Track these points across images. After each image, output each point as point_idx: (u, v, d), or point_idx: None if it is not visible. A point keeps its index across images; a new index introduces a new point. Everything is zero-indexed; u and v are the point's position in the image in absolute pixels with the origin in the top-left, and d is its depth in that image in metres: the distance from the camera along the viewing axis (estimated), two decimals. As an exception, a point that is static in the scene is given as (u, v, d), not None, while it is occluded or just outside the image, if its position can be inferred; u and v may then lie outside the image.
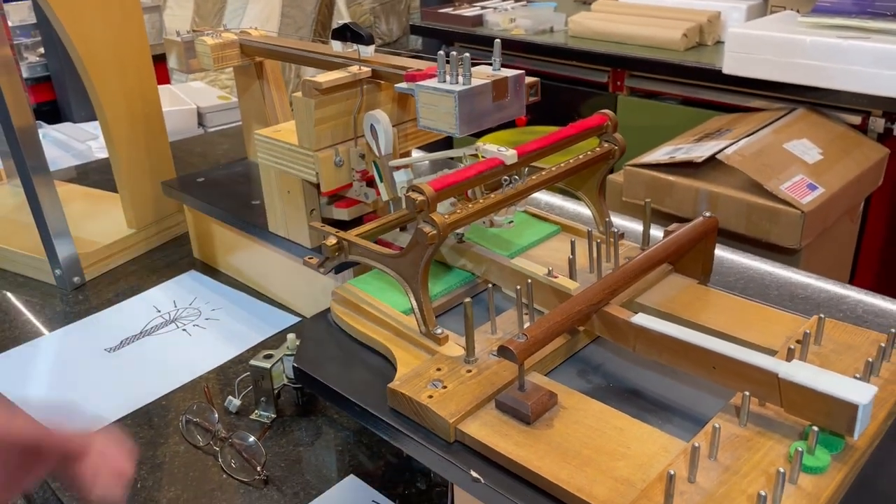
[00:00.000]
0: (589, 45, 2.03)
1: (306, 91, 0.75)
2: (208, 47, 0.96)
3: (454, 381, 0.56)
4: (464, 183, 0.62)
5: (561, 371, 0.61)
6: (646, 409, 0.56)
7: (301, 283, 0.92)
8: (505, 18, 2.24)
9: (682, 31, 1.89)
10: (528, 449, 0.50)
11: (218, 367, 0.86)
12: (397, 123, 0.81)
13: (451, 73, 0.64)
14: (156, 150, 1.12)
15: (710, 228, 0.68)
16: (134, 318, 0.96)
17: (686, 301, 0.65)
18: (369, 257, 0.67)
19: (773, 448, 0.48)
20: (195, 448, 0.74)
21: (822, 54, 1.52)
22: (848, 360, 0.56)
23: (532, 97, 0.71)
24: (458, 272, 0.72)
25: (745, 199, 1.35)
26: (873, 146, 1.58)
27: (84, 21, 0.99)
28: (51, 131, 1.94)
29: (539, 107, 0.74)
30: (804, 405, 0.47)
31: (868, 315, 0.87)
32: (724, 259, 1.01)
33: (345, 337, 0.68)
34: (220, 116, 2.01)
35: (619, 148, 0.73)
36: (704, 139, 1.54)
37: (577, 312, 0.57)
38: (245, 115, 1.08)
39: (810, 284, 0.94)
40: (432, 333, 0.61)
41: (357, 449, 0.73)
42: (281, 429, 0.76)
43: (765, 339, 0.59)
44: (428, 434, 0.54)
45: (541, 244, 0.76)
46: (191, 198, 1.03)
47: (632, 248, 0.74)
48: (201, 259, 1.10)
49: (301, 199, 0.83)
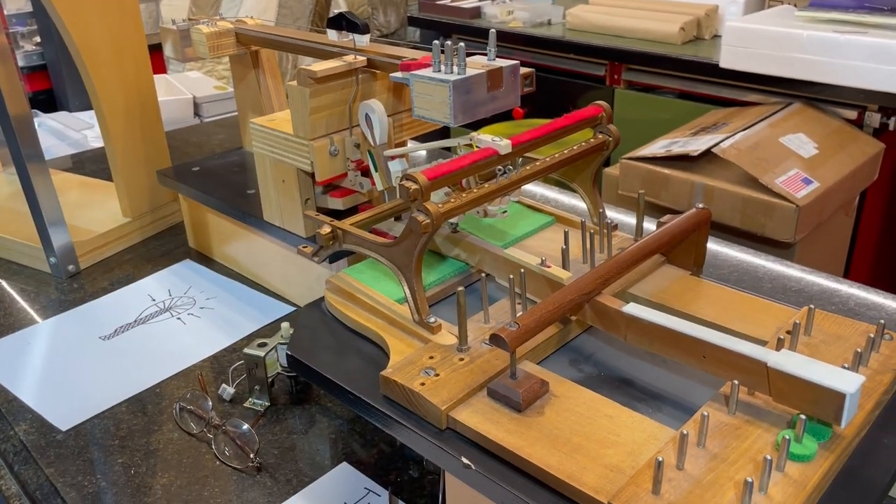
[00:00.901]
0: (586, 38, 2.03)
1: (301, 80, 0.75)
2: (204, 36, 0.96)
3: (446, 369, 0.56)
4: (458, 172, 0.62)
5: (553, 360, 0.61)
6: (636, 397, 0.57)
7: (295, 273, 0.92)
8: (503, 11, 2.23)
9: (679, 24, 1.89)
10: (519, 436, 0.50)
11: (212, 356, 0.86)
12: (392, 113, 0.81)
13: (446, 62, 0.64)
14: (151, 139, 1.12)
15: (702, 220, 0.68)
16: (128, 306, 0.97)
17: (678, 291, 0.66)
18: (363, 246, 0.67)
19: (760, 436, 0.48)
20: (189, 435, 0.74)
21: (818, 49, 1.53)
22: (837, 350, 0.56)
23: (527, 87, 0.71)
24: (452, 262, 0.73)
25: (741, 193, 1.36)
26: (869, 141, 1.59)
27: (81, 10, 0.99)
28: (46, 120, 1.94)
29: (536, 99, 0.74)
30: (792, 394, 0.48)
31: (860, 308, 0.87)
32: (718, 252, 1.01)
33: (339, 326, 0.68)
34: (216, 106, 2.00)
35: (614, 139, 0.73)
36: (701, 133, 1.54)
37: (569, 302, 0.57)
38: (241, 105, 1.08)
39: (803, 278, 0.94)
40: (425, 322, 0.61)
41: (350, 437, 0.74)
42: (274, 417, 0.76)
43: (755, 330, 0.59)
44: (420, 421, 0.54)
45: (534, 235, 0.77)
46: (186, 187, 1.03)
47: (625, 239, 0.74)
48: (196, 248, 1.10)
49: (296, 188, 0.84)
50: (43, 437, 0.75)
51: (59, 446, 0.73)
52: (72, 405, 0.79)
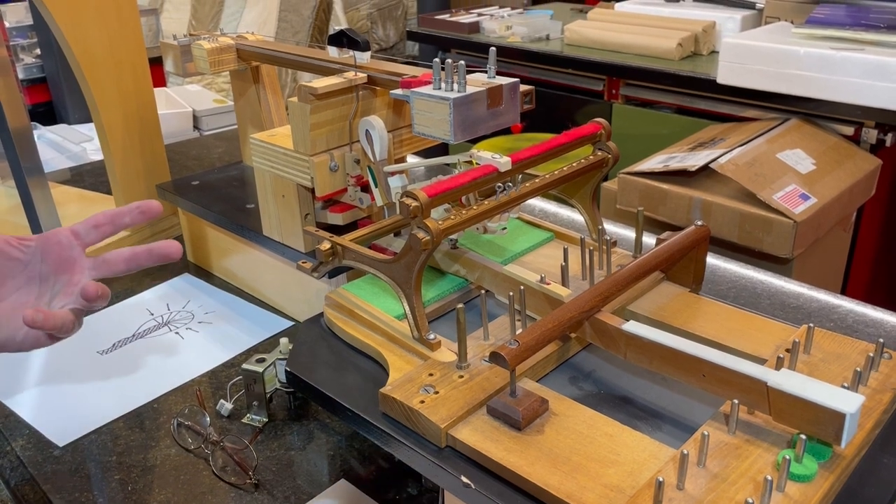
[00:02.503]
0: (585, 54, 2.04)
1: (302, 96, 0.76)
2: (205, 51, 0.96)
3: (446, 387, 0.56)
4: (457, 189, 0.62)
5: (552, 377, 0.61)
6: (636, 416, 0.57)
7: (295, 288, 0.92)
8: (501, 26, 2.25)
9: (676, 40, 1.90)
10: (519, 455, 0.50)
11: (210, 371, 0.86)
12: (393, 129, 0.82)
13: (447, 80, 0.65)
14: (151, 152, 1.13)
15: (701, 237, 0.69)
16: (127, 320, 0.96)
17: (677, 309, 0.66)
18: (363, 262, 0.67)
19: (761, 456, 0.48)
20: (186, 451, 0.74)
21: (815, 65, 1.54)
22: (836, 369, 0.56)
23: (527, 105, 0.71)
24: (452, 278, 0.73)
25: (738, 208, 1.36)
26: (866, 157, 1.60)
27: (81, 24, 0.99)
28: (46, 133, 1.94)
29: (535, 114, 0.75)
30: (792, 413, 0.48)
31: (858, 325, 0.87)
32: (716, 267, 1.02)
33: (338, 342, 0.68)
34: (215, 120, 2.01)
35: (613, 156, 0.73)
36: (698, 148, 1.55)
37: (568, 319, 0.57)
38: (241, 119, 1.08)
39: (802, 294, 0.95)
40: (425, 339, 0.61)
41: (349, 454, 0.73)
42: (273, 433, 0.76)
43: (755, 348, 0.59)
44: (419, 439, 0.54)
45: (534, 251, 0.77)
46: (185, 201, 1.03)
47: (624, 255, 0.74)
48: (195, 262, 1.10)
49: (296, 203, 0.84)
50: (40, 452, 0.74)
51: (56, 462, 0.73)
52: (69, 421, 0.78)
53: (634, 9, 2.19)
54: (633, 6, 2.21)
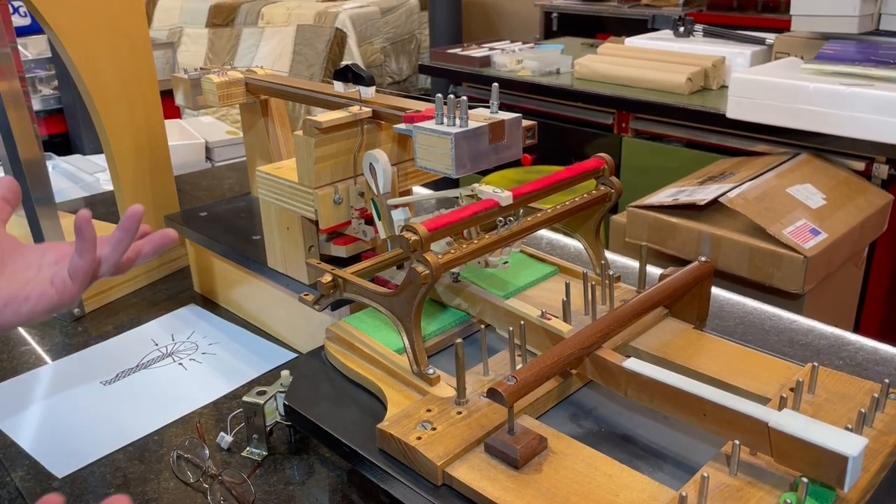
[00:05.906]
0: (595, 88, 2.06)
1: (307, 130, 0.76)
2: (214, 85, 0.97)
3: (444, 423, 0.56)
4: (458, 223, 0.62)
5: (553, 414, 0.60)
6: (637, 455, 0.56)
7: (299, 319, 0.92)
8: (512, 60, 2.26)
9: (686, 75, 1.91)
10: (516, 494, 0.49)
11: (212, 402, 0.85)
12: (397, 163, 0.82)
13: (449, 115, 0.65)
14: (160, 184, 1.14)
15: (705, 273, 0.68)
16: (131, 351, 0.96)
17: (680, 346, 0.65)
18: (363, 295, 0.67)
19: (762, 499, 0.47)
20: (185, 485, 0.73)
21: (825, 101, 1.53)
22: (841, 409, 0.55)
23: (529, 140, 0.71)
24: (453, 311, 0.72)
25: (748, 243, 1.35)
26: (877, 192, 1.59)
27: (93, 57, 1.01)
28: (60, 163, 1.97)
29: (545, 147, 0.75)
30: (794, 455, 0.47)
31: (868, 363, 0.86)
32: (724, 302, 1.01)
33: (338, 375, 0.67)
34: (227, 151, 2.03)
35: (616, 191, 0.73)
36: (708, 182, 1.54)
37: (568, 356, 0.56)
38: (249, 151, 1.09)
39: (811, 330, 0.93)
40: (424, 374, 0.61)
41: (348, 489, 0.72)
42: (272, 466, 0.75)
43: (758, 387, 0.59)
44: (416, 477, 0.54)
45: (537, 285, 0.76)
46: (193, 232, 1.04)
47: (628, 290, 0.74)
48: (201, 293, 1.10)
49: (300, 235, 0.84)
50: (39, 484, 0.74)
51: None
52: (69, 451, 0.78)
53: (644, 44, 2.20)
54: (642, 41, 2.23)
